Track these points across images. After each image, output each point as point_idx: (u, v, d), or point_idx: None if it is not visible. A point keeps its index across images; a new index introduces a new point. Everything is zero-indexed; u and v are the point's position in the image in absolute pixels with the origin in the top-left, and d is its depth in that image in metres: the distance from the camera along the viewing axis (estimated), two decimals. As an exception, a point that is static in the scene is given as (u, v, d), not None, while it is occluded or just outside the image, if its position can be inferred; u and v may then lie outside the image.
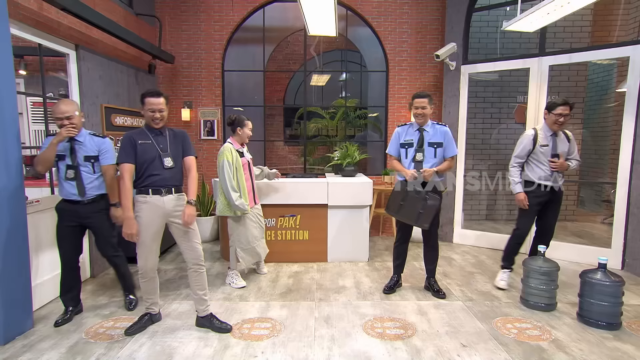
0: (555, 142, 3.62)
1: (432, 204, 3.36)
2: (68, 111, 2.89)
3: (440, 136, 3.47)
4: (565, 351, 2.70)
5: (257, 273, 4.21)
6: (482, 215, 6.44)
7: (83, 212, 3.06)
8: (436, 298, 3.59)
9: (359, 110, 7.40)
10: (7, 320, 2.76)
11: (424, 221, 3.37)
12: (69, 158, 2.97)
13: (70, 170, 2.98)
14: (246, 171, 3.82)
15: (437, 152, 3.46)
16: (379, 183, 5.56)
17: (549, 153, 3.59)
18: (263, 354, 2.64)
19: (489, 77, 6.08)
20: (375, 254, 4.96)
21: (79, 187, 3.01)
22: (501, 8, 5.42)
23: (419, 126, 3.51)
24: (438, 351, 2.69)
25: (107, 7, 4.29)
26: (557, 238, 5.04)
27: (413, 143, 3.50)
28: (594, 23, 6.00)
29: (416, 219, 3.41)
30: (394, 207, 3.54)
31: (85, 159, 3.03)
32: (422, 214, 3.37)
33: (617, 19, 5.97)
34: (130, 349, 2.69)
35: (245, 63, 6.06)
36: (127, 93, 4.81)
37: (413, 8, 5.71)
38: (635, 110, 4.14)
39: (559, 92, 6.01)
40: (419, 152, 3.46)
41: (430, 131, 3.49)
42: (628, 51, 4.20)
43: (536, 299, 3.35)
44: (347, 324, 3.07)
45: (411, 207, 3.43)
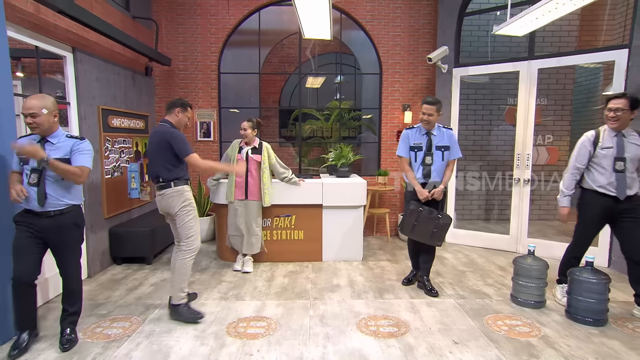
0: (621, 143, 3.06)
1: (445, 222, 3.46)
2: (32, 107, 2.49)
3: (447, 139, 3.55)
4: (553, 347, 2.72)
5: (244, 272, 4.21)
6: (474, 215, 6.48)
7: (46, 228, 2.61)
8: (429, 296, 3.61)
9: (353, 112, 7.42)
10: (3, 321, 2.72)
11: (437, 239, 3.49)
12: (34, 161, 2.53)
13: (33, 174, 2.54)
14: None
15: (444, 155, 3.54)
16: (373, 184, 5.58)
17: (612, 157, 3.07)
18: (259, 352, 2.64)
19: (480, 79, 6.12)
20: (369, 253, 4.97)
21: (39, 195, 2.54)
22: (492, 12, 5.47)
23: (427, 130, 3.56)
24: (430, 348, 2.70)
25: (104, 10, 4.27)
26: (546, 237, 5.11)
27: (422, 147, 3.55)
28: (581, 28, 6.07)
29: (429, 237, 3.50)
30: (408, 227, 3.58)
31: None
32: (435, 233, 3.47)
33: (603, 24, 6.04)
34: (127, 348, 2.68)
35: (241, 65, 6.05)
36: (124, 95, 4.78)
37: (406, 12, 5.74)
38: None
39: (547, 95, 6.08)
40: (428, 156, 3.53)
41: (438, 135, 3.55)
42: (613, 55, 4.25)
43: (526, 297, 3.38)
44: (342, 323, 3.08)
45: (425, 227, 3.50)
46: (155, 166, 3.09)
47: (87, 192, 3.98)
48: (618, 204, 3.08)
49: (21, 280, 2.56)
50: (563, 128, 6.20)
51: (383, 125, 5.93)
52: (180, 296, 3.10)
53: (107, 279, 4.01)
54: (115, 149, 4.51)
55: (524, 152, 4.79)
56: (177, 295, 3.10)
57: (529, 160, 4.77)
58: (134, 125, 4.96)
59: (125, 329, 2.96)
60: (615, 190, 3.06)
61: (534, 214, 5.70)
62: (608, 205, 3.11)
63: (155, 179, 3.12)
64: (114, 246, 4.40)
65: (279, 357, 2.58)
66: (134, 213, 5.01)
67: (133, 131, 4.95)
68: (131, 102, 4.95)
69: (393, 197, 5.96)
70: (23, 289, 2.59)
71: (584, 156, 3.19)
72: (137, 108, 5.13)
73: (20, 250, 2.58)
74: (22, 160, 2.57)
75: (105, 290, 3.74)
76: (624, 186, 3.04)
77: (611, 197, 3.09)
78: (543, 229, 5.74)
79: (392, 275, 4.15)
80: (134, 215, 4.99)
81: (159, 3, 5.63)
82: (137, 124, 5.05)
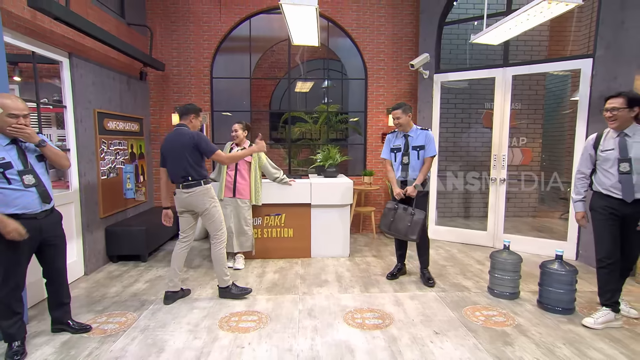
0: (624, 144, 2.78)
1: (418, 218, 3.54)
2: (25, 109, 2.35)
3: (422, 139, 3.63)
4: (526, 335, 2.78)
5: (236, 269, 4.20)
6: (455, 212, 6.56)
7: (45, 225, 2.49)
8: (426, 286, 3.69)
9: (340, 115, 7.45)
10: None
11: (412, 234, 3.55)
12: (19, 163, 2.35)
13: (27, 175, 2.37)
14: (230, 166, 4.14)
15: (419, 155, 3.64)
16: (359, 183, 5.61)
17: (615, 159, 2.80)
18: (250, 345, 2.64)
19: (459, 85, 6.20)
20: (356, 249, 5.00)
21: (43, 194, 2.44)
22: (469, 22, 5.56)
23: (404, 133, 3.69)
24: (413, 338, 2.73)
25: (99, 17, 4.21)
26: (520, 233, 5.21)
27: (401, 148, 3.69)
28: (551, 38, 6.19)
29: (405, 233, 3.58)
30: (386, 224, 3.70)
31: (38, 158, 2.47)
32: (409, 227, 3.54)
33: (570, 35, 6.19)
34: (123, 343, 2.66)
35: (233, 70, 6.02)
36: (119, 99, 4.72)
37: (389, 21, 5.78)
38: (587, 116, 4.29)
39: (521, 100, 6.18)
40: (405, 156, 3.65)
41: (414, 136, 3.66)
42: (580, 64, 4.34)
43: (501, 289, 3.44)
44: (329, 316, 3.09)
45: (400, 223, 3.60)
46: (183, 167, 3.16)
47: (84, 193, 3.93)
48: (626, 207, 2.78)
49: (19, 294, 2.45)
50: (535, 131, 6.32)
51: (368, 127, 5.96)
52: (225, 280, 3.36)
53: (103, 276, 3.96)
54: (110, 150, 4.45)
55: (499, 153, 4.87)
56: (222, 279, 3.37)
57: (505, 161, 4.85)
58: (129, 128, 4.90)
59: (121, 324, 2.93)
60: (621, 193, 2.78)
61: (510, 211, 5.80)
62: (614, 208, 2.83)
63: (182, 178, 3.19)
64: (110, 244, 4.34)
65: (269, 349, 2.59)
66: (129, 212, 4.95)
67: (128, 134, 4.89)
68: (126, 105, 4.90)
69: (378, 196, 6.00)
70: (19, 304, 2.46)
71: (586, 160, 3.00)
72: (132, 111, 5.07)
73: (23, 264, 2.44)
74: (7, 166, 2.30)
75: (101, 287, 3.69)
76: (631, 188, 2.73)
77: (617, 199, 2.81)
78: (518, 225, 5.85)
79: (378, 270, 4.18)
80: (129, 214, 4.93)
81: (153, 10, 5.57)
82: (132, 127, 4.99)
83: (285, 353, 2.54)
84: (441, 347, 2.61)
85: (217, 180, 4.30)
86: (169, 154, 3.22)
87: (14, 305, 2.44)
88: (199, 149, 3.16)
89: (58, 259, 2.66)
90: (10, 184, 2.31)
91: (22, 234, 2.31)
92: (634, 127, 2.76)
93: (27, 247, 2.43)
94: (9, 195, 2.32)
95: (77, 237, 3.91)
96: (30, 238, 2.39)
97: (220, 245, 3.33)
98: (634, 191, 2.74)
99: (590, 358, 2.50)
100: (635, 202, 2.76)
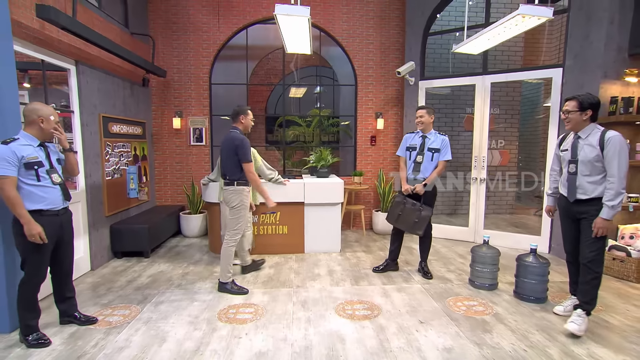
0: (575, 145, 2.72)
1: (426, 214, 3.54)
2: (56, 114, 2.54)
3: (438, 143, 3.63)
4: (504, 323, 2.84)
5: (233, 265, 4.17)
6: (439, 210, 6.62)
7: (64, 222, 2.60)
8: (424, 278, 3.74)
9: (332, 119, 7.47)
10: (13, 310, 2.66)
11: (418, 229, 3.56)
12: (47, 162, 2.48)
13: (54, 174, 2.51)
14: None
15: (434, 157, 3.63)
16: (350, 183, 5.64)
17: (567, 159, 2.78)
18: (247, 335, 2.66)
19: (443, 91, 6.26)
20: (347, 245, 5.03)
21: (65, 191, 2.58)
22: (451, 33, 5.62)
23: (422, 133, 3.69)
24: (400, 328, 2.77)
25: (104, 27, 4.19)
26: (499, 228, 5.29)
27: (416, 147, 3.68)
28: (525, 49, 6.28)
29: (412, 227, 3.59)
30: (393, 217, 3.70)
31: (58, 161, 2.61)
32: (417, 223, 3.56)
33: (543, 46, 6.29)
34: (127, 334, 2.66)
35: (230, 77, 6.01)
36: (123, 104, 4.70)
37: (377, 31, 5.82)
38: (558, 121, 4.37)
39: (499, 105, 6.27)
40: (420, 155, 3.64)
41: (432, 138, 3.66)
42: (551, 73, 4.42)
43: (481, 281, 3.49)
44: (322, 307, 3.11)
45: (408, 217, 3.60)
46: (226, 166, 3.37)
47: (90, 192, 3.91)
48: (573, 206, 2.76)
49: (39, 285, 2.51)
50: (512, 134, 6.41)
51: (358, 130, 6.00)
52: (227, 276, 3.40)
53: (108, 272, 3.95)
54: (115, 153, 4.43)
55: (480, 154, 4.93)
56: (224, 275, 3.39)
57: (485, 162, 4.92)
58: (132, 131, 4.89)
59: (125, 316, 2.94)
60: (566, 192, 2.79)
61: (489, 209, 5.88)
62: (564, 205, 2.85)
63: (223, 176, 3.44)
64: (115, 241, 4.33)
65: (265, 339, 2.61)
66: (133, 211, 4.93)
67: (131, 137, 4.87)
68: (129, 110, 4.87)
69: (367, 195, 6.04)
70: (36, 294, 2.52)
71: (554, 158, 2.98)
72: (135, 115, 5.04)
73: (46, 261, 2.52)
74: (37, 164, 2.40)
75: (106, 281, 3.68)
76: (574, 189, 2.72)
77: (566, 198, 2.81)
78: (497, 222, 5.93)
79: (367, 264, 4.21)
80: (132, 213, 4.91)
81: (155, 21, 5.55)
82: (135, 130, 4.97)
83: (280, 342, 2.56)
84: (426, 336, 2.65)
85: (217, 181, 4.30)
86: (221, 155, 3.49)
87: (37, 299, 2.52)
88: (237, 154, 3.28)
89: (68, 255, 2.69)
90: (39, 182, 2.42)
91: (43, 238, 2.38)
92: (588, 128, 2.68)
93: (50, 244, 2.49)
94: (38, 192, 2.42)
95: (84, 234, 3.89)
96: (52, 235, 2.48)
97: (232, 244, 3.40)
98: (575, 192, 2.71)
99: (560, 342, 2.56)
100: (579, 203, 2.71)
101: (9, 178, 2.29)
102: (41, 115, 2.43)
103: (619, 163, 2.51)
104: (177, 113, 5.66)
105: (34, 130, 2.44)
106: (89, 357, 2.38)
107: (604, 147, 2.56)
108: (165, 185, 5.79)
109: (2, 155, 2.28)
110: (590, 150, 2.63)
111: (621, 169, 2.51)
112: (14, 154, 2.30)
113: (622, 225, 3.94)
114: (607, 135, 2.57)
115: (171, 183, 5.80)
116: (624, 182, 2.53)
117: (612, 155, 2.53)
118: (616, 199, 2.52)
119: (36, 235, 2.35)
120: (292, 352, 2.44)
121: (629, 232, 3.85)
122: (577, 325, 2.61)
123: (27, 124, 2.43)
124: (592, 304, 2.69)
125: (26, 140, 2.40)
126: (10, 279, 2.64)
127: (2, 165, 2.27)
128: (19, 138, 2.39)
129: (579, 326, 2.61)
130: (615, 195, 2.52)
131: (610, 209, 2.54)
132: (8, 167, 2.29)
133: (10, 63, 2.66)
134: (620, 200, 2.53)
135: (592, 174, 2.64)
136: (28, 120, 2.43)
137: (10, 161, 2.29)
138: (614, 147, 2.53)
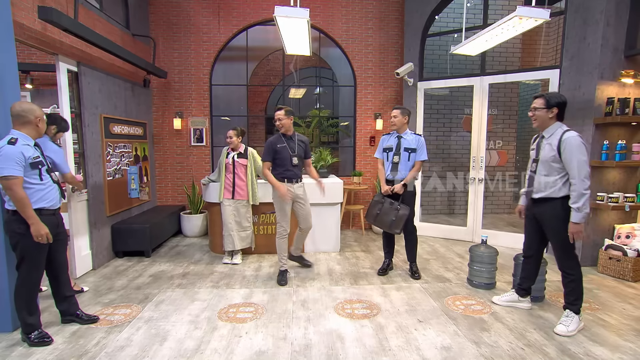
0: (539, 145, 2.72)
1: (403, 213, 3.53)
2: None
3: (414, 143, 3.62)
4: (501, 321, 2.84)
5: (234, 264, 4.19)
6: (437, 210, 6.63)
7: (59, 220, 2.62)
8: (412, 279, 3.72)
9: (331, 119, 7.48)
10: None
11: (396, 227, 3.55)
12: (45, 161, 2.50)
13: (52, 173, 2.55)
14: (228, 169, 4.14)
15: (410, 157, 3.62)
16: (349, 183, 5.64)
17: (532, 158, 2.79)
18: (247, 334, 2.65)
19: (441, 92, 6.27)
20: (346, 245, 5.03)
21: (61, 190, 2.62)
22: (450, 35, 5.63)
23: (398, 134, 3.67)
24: (398, 327, 2.77)
25: (106, 29, 4.19)
26: (497, 228, 5.29)
27: (393, 148, 3.67)
28: (523, 50, 6.29)
29: (389, 225, 3.57)
30: (372, 216, 3.71)
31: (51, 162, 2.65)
32: (394, 221, 3.54)
33: (540, 47, 6.29)
34: (128, 333, 2.66)
35: (231, 78, 6.02)
36: (124, 105, 4.70)
37: (376, 33, 5.83)
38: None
39: (497, 106, 6.27)
40: (396, 156, 3.63)
41: (407, 139, 3.65)
42: (548, 74, 4.42)
43: (479, 280, 3.49)
44: (321, 307, 3.11)
45: (386, 216, 3.60)
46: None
47: (91, 193, 3.91)
48: (533, 205, 2.77)
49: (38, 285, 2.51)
50: (510, 134, 6.42)
51: (357, 131, 6.00)
52: (281, 263, 3.68)
53: (110, 271, 3.95)
54: (116, 153, 4.43)
55: (478, 155, 4.94)
56: (279, 262, 3.70)
57: (483, 162, 4.92)
58: (133, 132, 4.88)
59: (126, 315, 2.93)
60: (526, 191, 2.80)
61: (487, 209, 5.88)
62: (527, 203, 2.87)
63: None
64: (116, 241, 4.33)
65: (265, 338, 2.60)
66: (134, 211, 4.93)
67: (132, 137, 4.87)
68: (131, 111, 4.87)
69: (367, 195, 6.04)
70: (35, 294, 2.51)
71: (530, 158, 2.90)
72: (136, 116, 5.04)
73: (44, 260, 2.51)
74: (40, 163, 2.42)
75: (108, 280, 3.68)
76: (532, 188, 2.73)
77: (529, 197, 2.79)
78: (495, 221, 5.93)
79: (366, 264, 4.22)
80: (133, 213, 4.91)
81: (156, 22, 5.55)
82: (136, 131, 4.97)
83: (280, 341, 2.56)
84: (424, 334, 2.65)
85: (217, 181, 4.30)
86: None
87: (36, 298, 2.52)
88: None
89: (62, 253, 2.69)
90: (42, 180, 2.43)
91: (50, 239, 2.40)
92: (552, 128, 2.63)
93: (47, 244, 2.48)
94: (41, 190, 2.43)
95: (86, 234, 3.89)
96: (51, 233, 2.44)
97: (278, 236, 3.66)
98: (532, 190, 2.70)
99: (557, 341, 2.56)
100: (538, 202, 2.71)
101: (18, 178, 2.28)
102: (37, 115, 2.44)
103: (577, 164, 2.45)
104: (177, 114, 5.66)
105: (29, 130, 2.42)
106: (91, 355, 2.38)
107: (560, 149, 2.52)
108: (166, 186, 5.79)
109: (11, 156, 2.26)
110: (549, 150, 2.60)
111: (581, 170, 2.45)
112: (21, 155, 2.30)
113: (619, 224, 3.95)
114: (564, 136, 2.52)
115: (172, 183, 5.80)
116: (587, 183, 2.45)
117: (569, 157, 2.48)
118: (580, 200, 2.46)
119: (44, 236, 2.35)
120: (292, 351, 2.44)
121: (625, 231, 3.86)
122: (564, 327, 2.64)
123: (23, 123, 2.40)
124: (578, 303, 2.69)
125: (25, 140, 2.39)
126: (12, 278, 2.63)
127: (12, 166, 2.25)
128: (18, 138, 2.36)
129: (567, 327, 2.64)
130: (578, 197, 2.46)
131: (577, 211, 2.47)
132: (17, 167, 2.28)
133: (13, 64, 2.66)
134: (585, 201, 2.45)
135: (549, 174, 2.61)
136: (24, 120, 2.39)
137: (19, 162, 2.29)
138: (570, 148, 2.48)
